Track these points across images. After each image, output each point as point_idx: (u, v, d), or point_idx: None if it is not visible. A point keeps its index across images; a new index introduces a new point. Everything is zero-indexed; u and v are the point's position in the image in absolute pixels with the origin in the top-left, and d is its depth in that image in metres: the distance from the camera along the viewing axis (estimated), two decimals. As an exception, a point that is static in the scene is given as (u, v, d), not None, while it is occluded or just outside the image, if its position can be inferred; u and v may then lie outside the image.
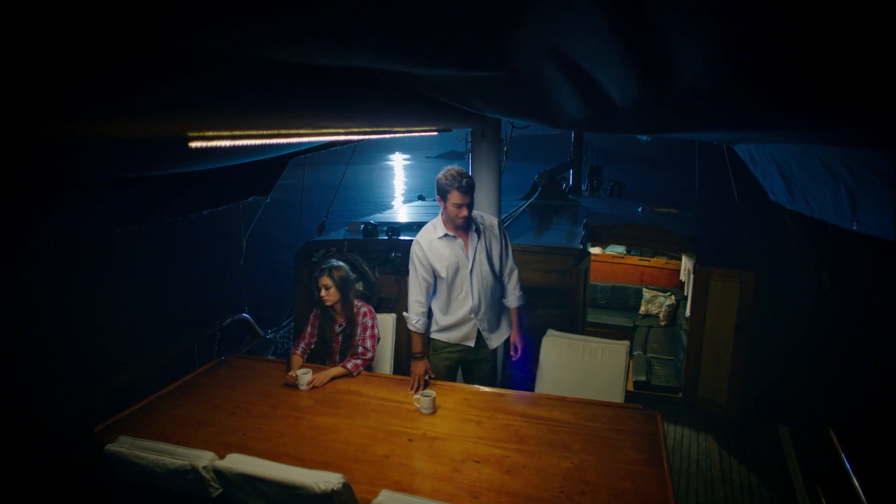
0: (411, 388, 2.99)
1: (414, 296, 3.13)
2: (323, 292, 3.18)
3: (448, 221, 3.03)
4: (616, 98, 1.77)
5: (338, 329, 3.29)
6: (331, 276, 3.18)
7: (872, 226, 2.39)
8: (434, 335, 3.25)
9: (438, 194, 2.99)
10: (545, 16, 1.15)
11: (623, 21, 1.08)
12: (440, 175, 2.95)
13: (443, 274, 3.07)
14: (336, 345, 3.30)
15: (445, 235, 3.05)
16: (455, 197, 2.89)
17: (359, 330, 3.25)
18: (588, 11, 1.08)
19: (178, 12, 0.98)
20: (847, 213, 2.56)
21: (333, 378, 3.11)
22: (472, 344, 3.22)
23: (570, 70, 1.55)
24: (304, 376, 3.02)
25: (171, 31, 1.10)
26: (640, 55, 1.28)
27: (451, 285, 3.11)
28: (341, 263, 3.28)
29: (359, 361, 3.18)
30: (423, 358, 3.10)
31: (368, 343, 3.23)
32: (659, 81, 1.49)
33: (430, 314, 3.23)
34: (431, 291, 3.18)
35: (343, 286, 3.21)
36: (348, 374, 3.16)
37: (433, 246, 3.06)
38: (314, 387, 3.02)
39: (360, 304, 3.31)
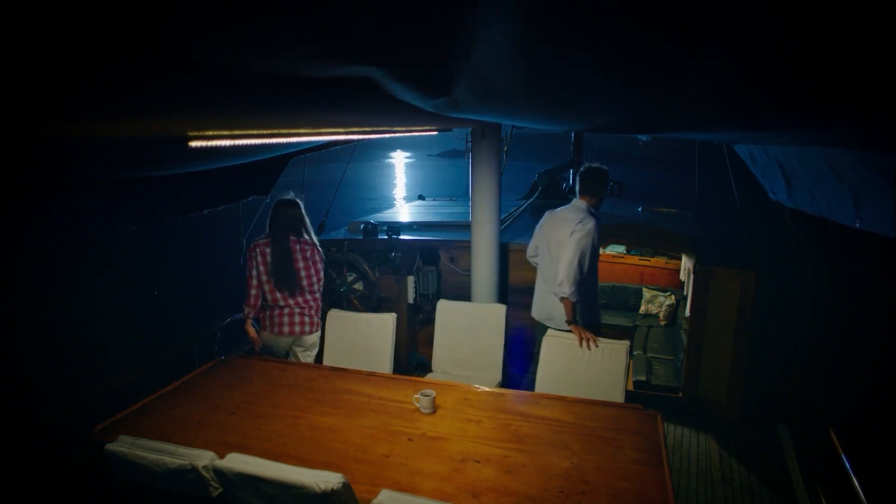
0: (586, 346, 3.16)
1: (580, 273, 3.31)
2: None
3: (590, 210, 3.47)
4: (613, 101, 1.77)
5: None
6: None
7: (874, 223, 2.38)
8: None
9: (606, 187, 3.62)
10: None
11: (619, 29, 1.07)
12: (605, 170, 3.63)
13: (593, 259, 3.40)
14: None
15: None
16: None
17: None
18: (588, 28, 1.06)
19: (178, 15, 0.98)
20: (850, 211, 2.55)
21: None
22: None
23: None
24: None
25: (171, 32, 1.10)
26: (638, 63, 1.28)
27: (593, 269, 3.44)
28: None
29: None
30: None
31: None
32: (658, 88, 1.49)
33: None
34: None
35: None
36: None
37: None
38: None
39: None
